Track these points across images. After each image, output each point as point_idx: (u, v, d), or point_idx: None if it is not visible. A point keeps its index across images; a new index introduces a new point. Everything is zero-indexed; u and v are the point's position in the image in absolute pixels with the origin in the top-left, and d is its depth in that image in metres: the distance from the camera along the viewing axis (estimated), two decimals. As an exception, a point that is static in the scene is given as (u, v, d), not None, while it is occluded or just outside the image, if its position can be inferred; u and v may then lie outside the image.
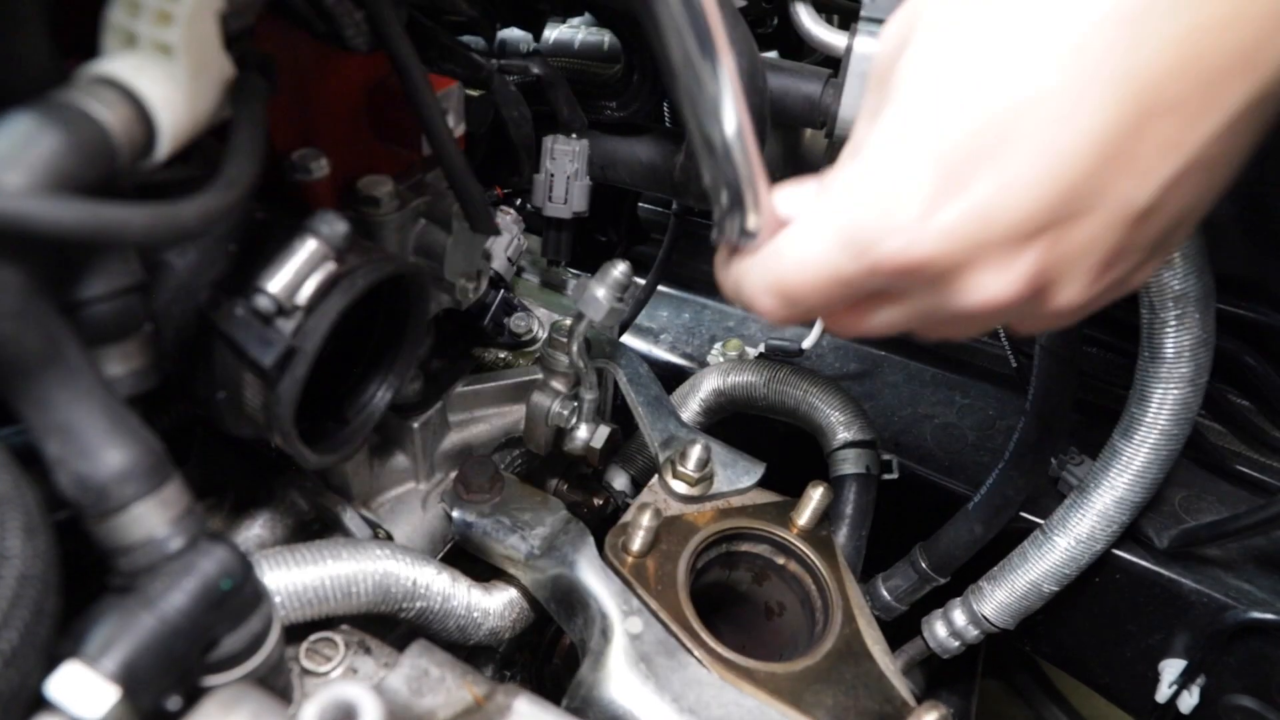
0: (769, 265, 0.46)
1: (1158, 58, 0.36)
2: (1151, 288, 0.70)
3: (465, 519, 0.74)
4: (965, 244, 0.39)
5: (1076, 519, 0.79)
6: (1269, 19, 0.35)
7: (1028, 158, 0.37)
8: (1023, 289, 0.40)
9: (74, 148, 0.35)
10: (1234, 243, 0.84)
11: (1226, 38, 0.36)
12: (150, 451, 0.40)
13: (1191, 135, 0.37)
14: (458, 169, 0.59)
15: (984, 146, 0.37)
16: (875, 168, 0.40)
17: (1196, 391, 0.72)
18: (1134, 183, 0.38)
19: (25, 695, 0.35)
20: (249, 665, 0.45)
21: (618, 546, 0.70)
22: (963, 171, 0.38)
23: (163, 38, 0.39)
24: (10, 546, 0.35)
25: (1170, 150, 0.38)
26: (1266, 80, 0.37)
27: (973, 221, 0.38)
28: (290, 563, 0.60)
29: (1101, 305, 0.45)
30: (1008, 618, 0.83)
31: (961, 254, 0.39)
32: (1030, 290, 0.41)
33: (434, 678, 0.59)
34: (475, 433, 0.84)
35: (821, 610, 0.72)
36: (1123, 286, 0.44)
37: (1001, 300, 0.41)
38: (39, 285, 0.36)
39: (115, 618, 0.38)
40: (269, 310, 0.50)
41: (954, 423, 1.02)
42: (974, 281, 0.40)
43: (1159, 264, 0.46)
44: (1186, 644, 0.83)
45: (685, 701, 0.60)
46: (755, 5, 0.67)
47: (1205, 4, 0.35)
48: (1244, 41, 0.36)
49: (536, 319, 0.94)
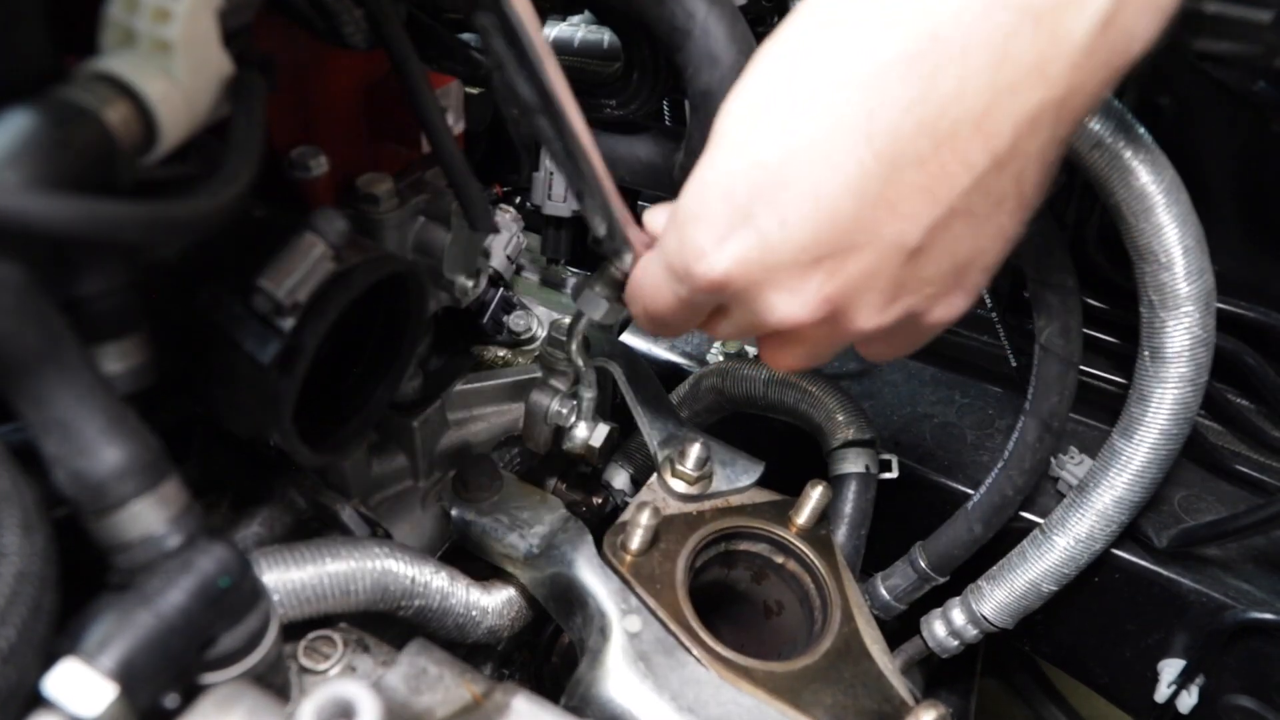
0: (633, 290, 0.56)
1: (896, 118, 0.42)
2: (1151, 287, 0.70)
3: (464, 517, 0.74)
4: (755, 267, 0.46)
5: (1076, 518, 0.79)
6: (995, 91, 0.41)
7: (797, 198, 0.44)
8: (815, 309, 0.48)
9: (73, 145, 0.35)
10: (1234, 242, 0.84)
11: (953, 106, 0.41)
12: (148, 449, 0.40)
13: (943, 187, 0.43)
14: (457, 167, 0.58)
15: (764, 187, 0.44)
16: (686, 204, 0.48)
17: (1196, 391, 0.72)
18: (901, 224, 0.45)
19: (23, 692, 0.35)
20: (247, 663, 0.45)
21: (616, 545, 0.70)
22: (748, 208, 0.45)
23: (162, 35, 0.39)
24: (8, 544, 0.35)
25: (928, 198, 0.44)
26: (1003, 146, 0.42)
27: (756, 249, 0.46)
28: (288, 561, 0.60)
29: (917, 339, 0.54)
30: (1007, 617, 0.83)
31: (755, 275, 0.47)
32: (824, 311, 0.48)
33: (432, 676, 0.59)
34: (474, 431, 0.84)
35: (820, 609, 0.72)
36: (928, 317, 0.51)
37: (800, 317, 0.48)
38: (37, 282, 0.36)
39: (113, 615, 0.38)
40: (267, 308, 0.50)
41: (953, 422, 1.02)
42: (773, 300, 0.48)
43: (966, 299, 0.52)
44: (1185, 644, 0.83)
45: (684, 700, 0.60)
46: (755, 4, 0.67)
47: (932, 76, 0.41)
48: (974, 109, 0.41)
49: (536, 317, 0.94)
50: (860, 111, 0.42)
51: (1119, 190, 0.66)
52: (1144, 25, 0.42)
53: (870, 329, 0.50)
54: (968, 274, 0.50)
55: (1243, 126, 0.79)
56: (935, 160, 0.43)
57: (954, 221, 0.45)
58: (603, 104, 0.72)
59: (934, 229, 0.45)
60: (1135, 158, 0.64)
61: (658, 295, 0.53)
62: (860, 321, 0.49)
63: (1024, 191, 0.46)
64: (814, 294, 0.47)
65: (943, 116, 0.42)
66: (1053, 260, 0.75)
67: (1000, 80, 0.41)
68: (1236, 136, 0.80)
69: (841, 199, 0.44)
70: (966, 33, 0.40)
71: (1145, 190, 0.65)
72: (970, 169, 0.43)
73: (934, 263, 0.47)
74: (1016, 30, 0.40)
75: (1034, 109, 0.42)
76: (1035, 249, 0.75)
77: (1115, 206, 0.67)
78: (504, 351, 0.92)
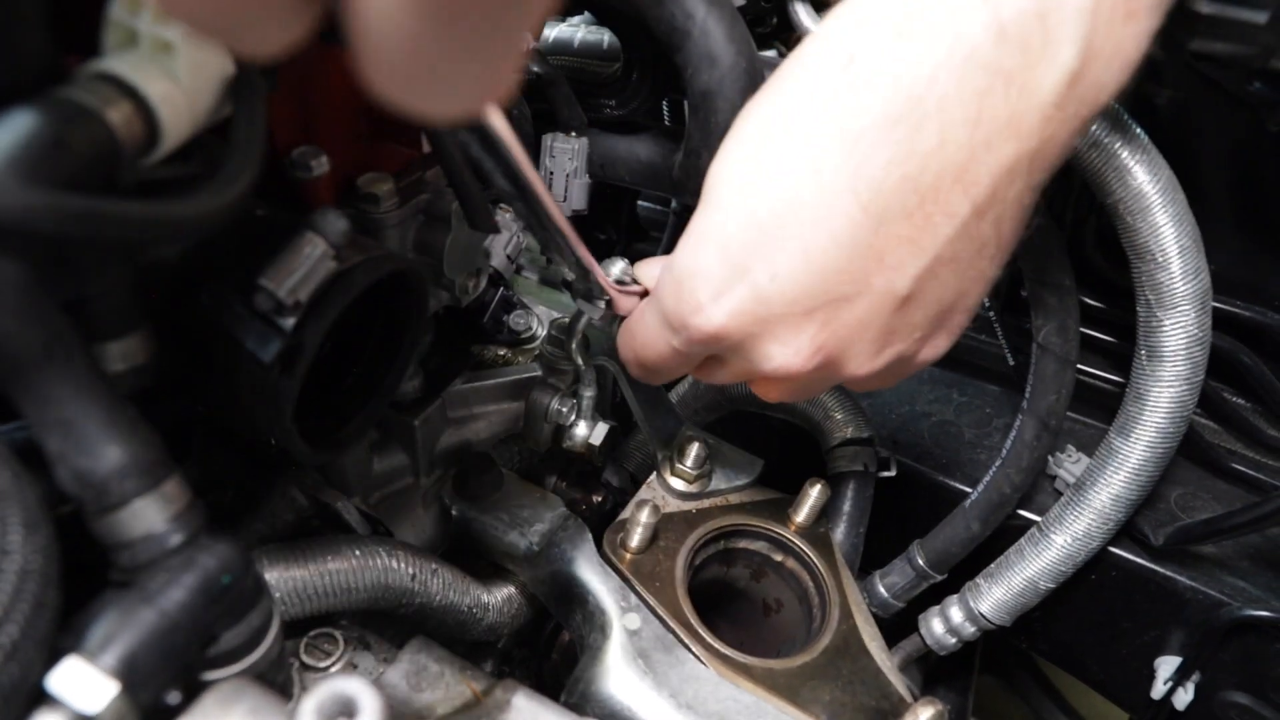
0: (625, 340, 0.59)
1: (881, 175, 0.44)
2: (1148, 286, 0.70)
3: (464, 515, 0.74)
4: (750, 320, 0.48)
5: (1073, 517, 0.79)
6: (972, 147, 0.43)
7: (789, 252, 0.46)
8: (809, 359, 0.49)
9: (75, 145, 0.36)
10: (1230, 242, 0.84)
11: (933, 161, 0.43)
12: (150, 447, 0.41)
13: (928, 237, 0.46)
14: (457, 167, 0.59)
15: (758, 243, 0.46)
16: (682, 260, 0.50)
17: (1192, 390, 0.72)
18: (890, 274, 0.46)
19: (26, 689, 0.36)
20: (249, 660, 0.45)
21: (616, 543, 0.70)
22: (743, 263, 0.47)
23: (164, 35, 0.39)
24: (11, 542, 0.35)
25: (914, 248, 0.46)
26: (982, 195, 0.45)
27: (750, 302, 0.48)
28: (290, 558, 0.61)
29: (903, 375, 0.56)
30: (1004, 615, 0.83)
31: (750, 327, 0.49)
32: (818, 360, 0.50)
33: (433, 673, 0.60)
34: (474, 429, 0.85)
35: (819, 607, 0.72)
36: (915, 359, 0.54)
37: (794, 366, 0.50)
38: (40, 281, 0.36)
39: (116, 613, 0.38)
40: (269, 307, 0.50)
41: (951, 420, 1.02)
42: (769, 350, 0.50)
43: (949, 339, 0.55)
44: (1182, 641, 0.83)
45: (683, 697, 0.60)
46: (754, 4, 0.67)
47: (914, 134, 0.43)
48: (954, 163, 0.44)
49: (536, 316, 0.94)
50: (846, 169, 0.44)
51: (1116, 190, 0.66)
52: (1110, 77, 0.44)
53: (863, 374, 0.52)
54: (952, 316, 0.52)
55: (1239, 127, 0.80)
56: (920, 212, 0.45)
57: (940, 268, 0.47)
58: (603, 104, 0.73)
59: (921, 277, 0.47)
60: (1132, 158, 0.65)
61: (652, 345, 0.55)
62: (852, 368, 0.51)
63: (1003, 236, 0.48)
64: (807, 344, 0.49)
65: (925, 171, 0.44)
66: (1051, 259, 0.75)
67: (977, 136, 0.43)
68: (1233, 137, 0.81)
69: (832, 252, 0.45)
70: (943, 94, 0.42)
71: (1142, 190, 0.65)
72: (953, 218, 0.45)
73: (922, 308, 0.49)
74: (990, 89, 0.42)
75: (1010, 160, 0.44)
76: (1033, 248, 0.75)
77: (1112, 206, 0.68)
78: (504, 350, 0.92)
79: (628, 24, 0.67)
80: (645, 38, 0.66)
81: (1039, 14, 0.41)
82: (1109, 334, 0.97)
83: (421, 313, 0.64)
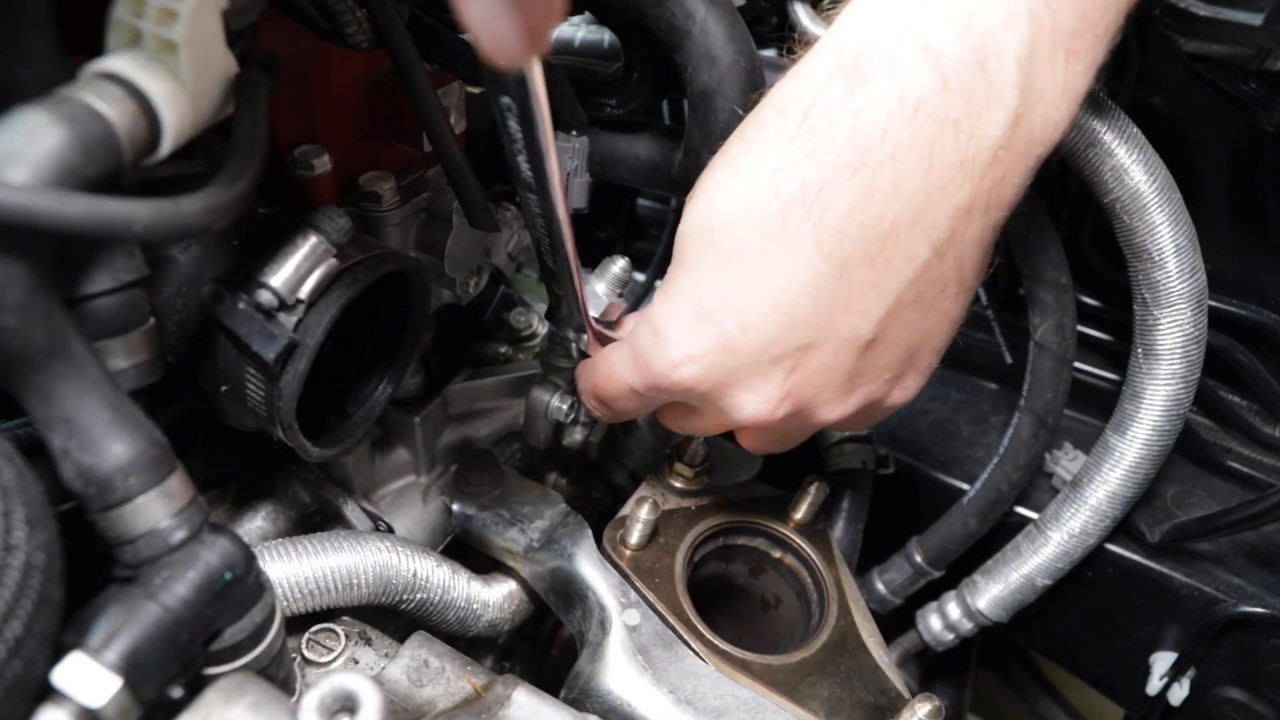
0: (585, 374, 0.61)
1: (840, 224, 0.45)
2: (1144, 285, 0.70)
3: (465, 512, 0.75)
4: (718, 370, 0.50)
5: (1070, 514, 0.80)
6: (927, 191, 0.45)
7: (756, 301, 0.48)
8: (777, 405, 0.51)
9: (79, 143, 0.36)
10: (1226, 241, 0.84)
11: (890, 208, 0.45)
12: (154, 444, 0.41)
13: (890, 281, 0.47)
14: (458, 166, 0.59)
15: (725, 295, 0.48)
16: (656, 310, 0.52)
17: (1188, 387, 0.73)
18: (854, 319, 0.48)
19: (31, 683, 0.36)
20: (251, 655, 0.45)
21: (616, 539, 0.70)
22: (711, 314, 0.49)
23: (167, 35, 0.39)
24: (16, 537, 0.36)
25: (877, 292, 0.47)
26: (941, 237, 0.46)
27: (719, 351, 0.49)
28: (292, 554, 0.61)
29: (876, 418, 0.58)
30: (1001, 611, 0.84)
31: (719, 377, 0.50)
32: (789, 407, 0.51)
33: (434, 668, 0.60)
34: (475, 427, 0.85)
35: (817, 603, 0.73)
36: (885, 401, 0.55)
37: (763, 414, 0.51)
38: (44, 279, 0.37)
39: (119, 608, 0.39)
40: (271, 305, 0.50)
41: (949, 418, 1.03)
42: (739, 400, 0.51)
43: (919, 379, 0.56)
44: (1177, 637, 0.84)
45: (682, 692, 0.60)
46: (754, 4, 0.67)
47: (870, 184, 0.44)
48: (910, 208, 0.45)
49: (536, 314, 0.94)
50: (807, 220, 0.46)
51: (1113, 189, 0.66)
52: (1058, 113, 0.46)
53: (834, 419, 0.54)
54: (919, 357, 0.54)
55: (1235, 127, 0.80)
56: (881, 257, 0.46)
57: (903, 311, 0.49)
58: (603, 103, 0.73)
59: (885, 320, 0.48)
60: (1129, 157, 0.65)
61: (614, 383, 0.57)
62: (824, 413, 0.53)
63: (965, 275, 0.50)
64: (776, 390, 0.50)
65: (883, 218, 0.45)
66: (1047, 258, 0.75)
67: (932, 181, 0.45)
68: (1228, 137, 0.81)
69: (797, 300, 0.47)
70: (895, 144, 0.44)
71: (1139, 189, 0.66)
72: (913, 260, 0.47)
73: (887, 351, 0.51)
74: (939, 137, 0.44)
75: (966, 201, 0.46)
76: (1030, 247, 0.76)
77: (1109, 205, 0.68)
78: (505, 348, 0.92)
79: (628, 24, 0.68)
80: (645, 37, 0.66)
81: (979, 63, 0.43)
82: (1106, 332, 0.97)
83: (423, 311, 0.64)
